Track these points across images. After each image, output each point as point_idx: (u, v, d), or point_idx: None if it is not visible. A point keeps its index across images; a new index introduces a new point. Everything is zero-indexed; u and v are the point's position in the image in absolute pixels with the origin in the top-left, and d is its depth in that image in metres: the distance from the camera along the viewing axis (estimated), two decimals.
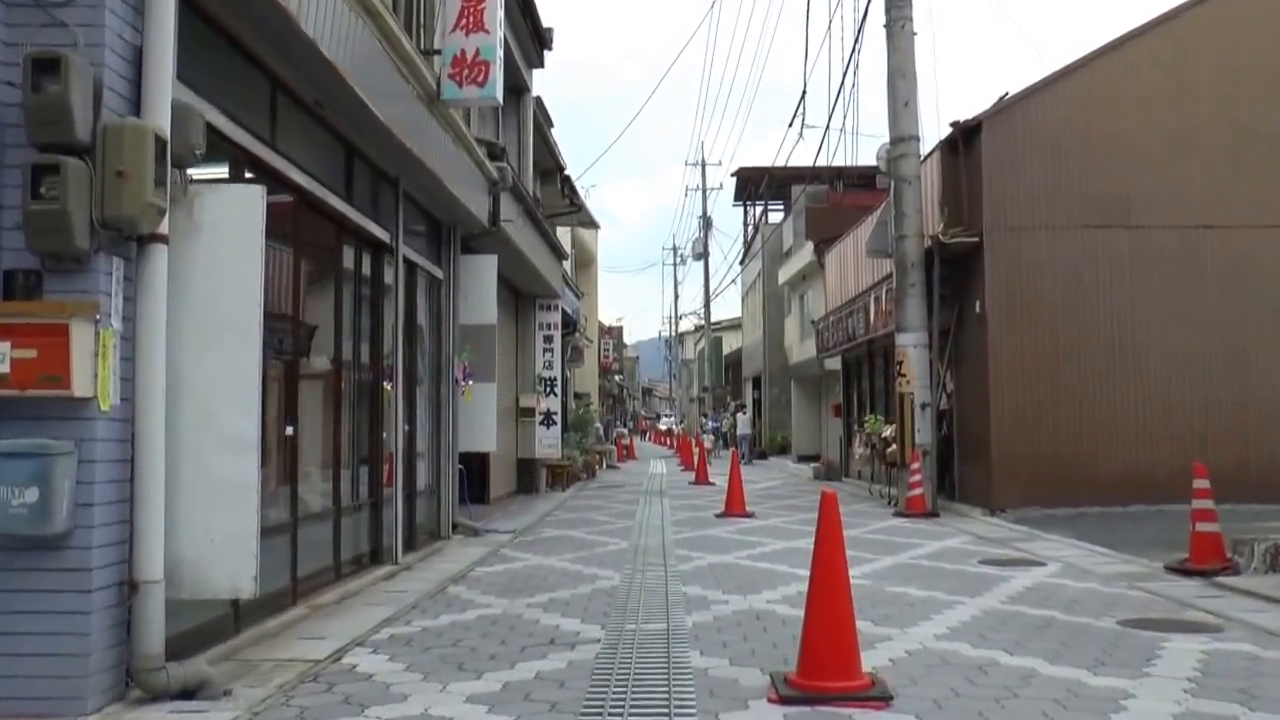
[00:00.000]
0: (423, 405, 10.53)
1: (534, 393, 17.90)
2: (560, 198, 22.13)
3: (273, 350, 6.83)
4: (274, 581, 6.47)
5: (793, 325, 31.69)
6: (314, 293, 7.67)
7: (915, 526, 12.11)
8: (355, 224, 8.01)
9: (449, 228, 10.99)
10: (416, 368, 10.22)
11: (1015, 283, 13.42)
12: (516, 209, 12.17)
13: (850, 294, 19.85)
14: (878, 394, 19.88)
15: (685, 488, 19.65)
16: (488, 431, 11.38)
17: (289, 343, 6.83)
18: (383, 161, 8.49)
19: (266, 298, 6.75)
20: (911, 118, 13.88)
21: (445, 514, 10.91)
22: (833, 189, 29.40)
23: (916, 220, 13.88)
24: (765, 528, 11.93)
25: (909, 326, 13.91)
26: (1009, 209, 13.43)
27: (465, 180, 10.04)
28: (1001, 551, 9.69)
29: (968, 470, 14.17)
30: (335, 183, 7.55)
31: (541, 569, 8.68)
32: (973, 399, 13.98)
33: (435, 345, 10.89)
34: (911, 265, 13.86)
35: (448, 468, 10.94)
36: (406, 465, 9.87)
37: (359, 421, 8.71)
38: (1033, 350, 13.38)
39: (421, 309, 10.45)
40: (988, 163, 13.39)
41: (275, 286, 6.85)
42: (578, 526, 12.21)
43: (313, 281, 7.66)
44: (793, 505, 15.21)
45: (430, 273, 10.55)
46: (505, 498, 16.34)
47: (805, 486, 19.81)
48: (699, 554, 9.49)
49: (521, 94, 17.76)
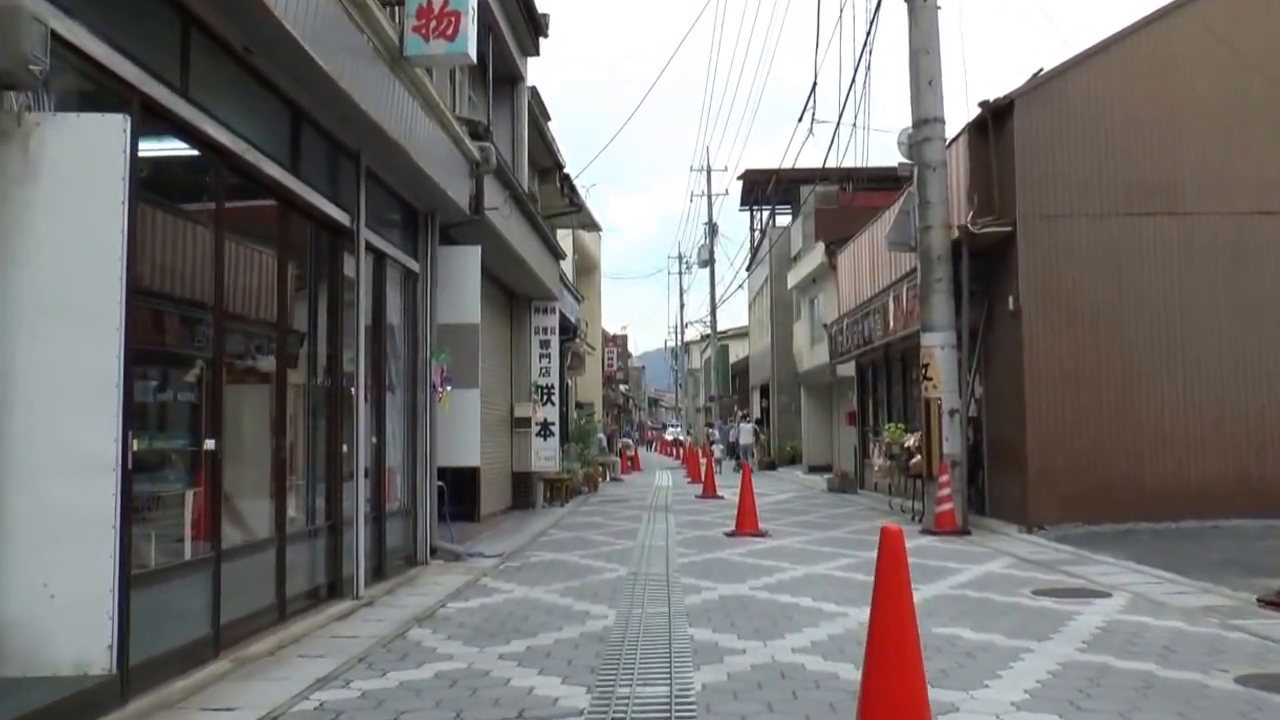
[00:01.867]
0: (395, 414, 9.34)
1: (530, 402, 16.71)
2: (559, 197, 21.01)
3: (184, 345, 5.67)
4: (186, 631, 5.29)
5: (802, 331, 30.46)
6: (246, 279, 6.49)
7: (948, 547, 10.88)
8: (304, 201, 6.83)
9: (426, 215, 9.81)
10: (387, 372, 9.03)
11: (1052, 276, 12.20)
12: (503, 195, 10.99)
13: (866, 295, 18.64)
14: (895, 401, 18.66)
15: (692, 501, 18.43)
16: (470, 444, 10.17)
17: (207, 337, 5.66)
18: (338, 130, 7.33)
19: (174, 279, 5.63)
20: (936, 98, 12.68)
21: (422, 536, 9.71)
22: (843, 189, 28.33)
23: (942, 210, 12.67)
24: (781, 550, 10.70)
25: (935, 325, 12.69)
26: (1044, 196, 12.22)
27: (441, 158, 8.87)
28: (1053, 578, 8.47)
29: (1000, 483, 12.93)
30: (276, 149, 6.38)
31: (525, 604, 7.47)
32: (1005, 405, 12.75)
33: (410, 347, 9.70)
34: (937, 258, 12.65)
35: (425, 484, 9.74)
36: (375, 482, 8.69)
37: (314, 433, 7.54)
38: (1072, 351, 12.15)
39: (393, 305, 9.27)
40: (1021, 145, 12.19)
41: (185, 266, 5.70)
42: (573, 548, 11.00)
43: (245, 266, 6.48)
44: (809, 522, 13.98)
45: (403, 265, 9.37)
46: (498, 515, 15.14)
47: (820, 500, 18.57)
48: (708, 583, 8.27)
49: (515, 83, 16.65)
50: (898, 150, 13.33)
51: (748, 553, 10.39)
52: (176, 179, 5.68)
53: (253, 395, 6.64)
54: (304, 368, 7.49)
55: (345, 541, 7.70)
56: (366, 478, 8.43)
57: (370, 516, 8.50)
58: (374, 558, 8.58)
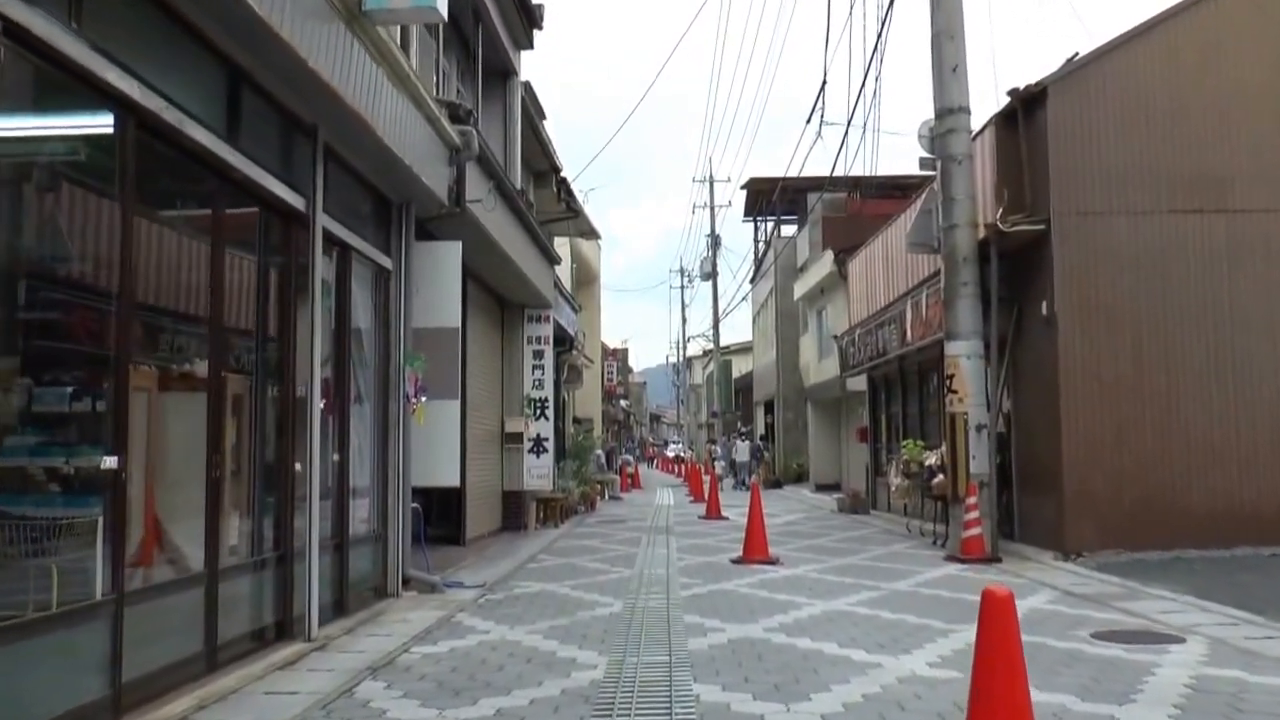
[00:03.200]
0: (363, 428, 8.32)
1: (522, 416, 15.67)
2: (556, 202, 20.06)
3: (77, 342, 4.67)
4: (72, 694, 4.28)
5: (809, 344, 29.45)
6: (167, 265, 5.49)
7: (979, 577, 9.82)
8: (244, 177, 5.84)
9: (400, 207, 8.82)
10: (353, 380, 8.02)
11: (1089, 279, 11.18)
12: (487, 186, 9.99)
13: (880, 304, 17.62)
14: (911, 416, 17.62)
15: (695, 523, 17.36)
16: (448, 462, 9.14)
17: (105, 334, 4.65)
18: (289, 98, 6.34)
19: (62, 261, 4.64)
20: (961, 86, 11.71)
21: (394, 565, 8.67)
22: (852, 196, 27.40)
23: (968, 207, 11.67)
24: (795, 580, 9.65)
25: (961, 333, 11.67)
26: (1081, 191, 11.21)
27: (414, 140, 7.88)
28: (1109, 616, 7.41)
29: (1031, 505, 11.88)
30: (206, 112, 5.39)
31: (501, 649, 6.42)
32: (1037, 419, 11.71)
33: (382, 353, 8.69)
34: (963, 260, 11.63)
35: (397, 506, 8.70)
36: (337, 505, 7.67)
37: (260, 449, 6.52)
38: (1110, 360, 11.12)
39: (361, 305, 8.26)
40: (1055, 136, 11.19)
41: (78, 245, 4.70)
42: (564, 577, 9.95)
43: (165, 249, 5.48)
44: (822, 547, 12.92)
45: (374, 261, 8.38)
46: (486, 537, 14.09)
47: (831, 521, 17.49)
48: (715, 622, 7.23)
49: (508, 77, 15.69)
50: (918, 144, 12.35)
51: (758, 583, 9.34)
52: (65, 136, 4.68)
53: (179, 404, 5.62)
54: (249, 373, 6.48)
55: (297, 574, 6.67)
56: (326, 499, 7.42)
57: (330, 544, 7.48)
58: (334, 590, 7.55)
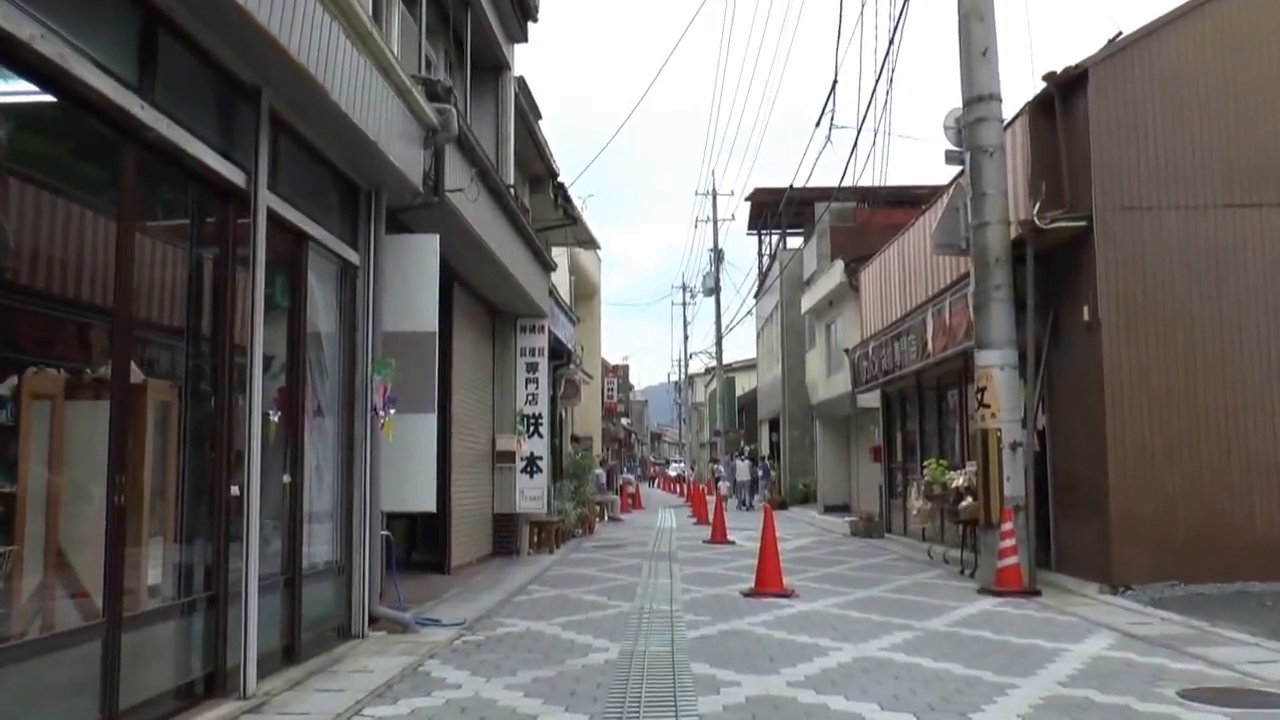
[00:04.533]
0: (323, 445, 7.25)
1: (514, 433, 14.61)
2: (553, 208, 19.04)
3: None
4: None
5: (816, 359, 28.38)
6: (47, 241, 4.46)
7: (1020, 613, 8.73)
8: (161, 139, 4.79)
9: (369, 194, 7.79)
10: (309, 390, 6.96)
11: (1136, 280, 10.13)
12: (470, 175, 8.95)
13: (895, 315, 16.58)
14: (929, 434, 16.54)
15: (699, 547, 16.25)
16: (422, 483, 8.05)
17: None
18: (222, 50, 5.31)
19: None
20: (991, 71, 10.70)
21: (359, 601, 7.58)
22: (861, 206, 26.43)
23: (1001, 202, 10.64)
24: (815, 617, 8.55)
25: (993, 341, 10.61)
26: (1126, 184, 10.18)
27: (380, 113, 6.86)
28: (1190, 667, 6.32)
29: (1071, 531, 10.79)
30: (106, 54, 4.36)
31: (472, 711, 5.32)
32: (1078, 436, 10.64)
33: (347, 360, 7.63)
34: (995, 261, 10.59)
35: (363, 534, 7.62)
36: (289, 534, 6.60)
37: (187, 470, 5.46)
38: (1161, 369, 10.06)
39: (321, 304, 7.22)
40: (1097, 124, 10.17)
41: None
42: (555, 612, 8.85)
43: (45, 221, 4.45)
44: (839, 576, 11.81)
45: (337, 254, 7.33)
46: (474, 565, 13.00)
47: (844, 546, 16.38)
48: (728, 673, 6.13)
49: (500, 72, 14.72)
50: (943, 135, 11.32)
51: (774, 621, 8.24)
52: None
53: (68, 415, 4.57)
54: (176, 379, 5.44)
55: (231, 618, 5.59)
56: (274, 528, 6.36)
57: (279, 581, 6.41)
58: (284, 634, 6.47)
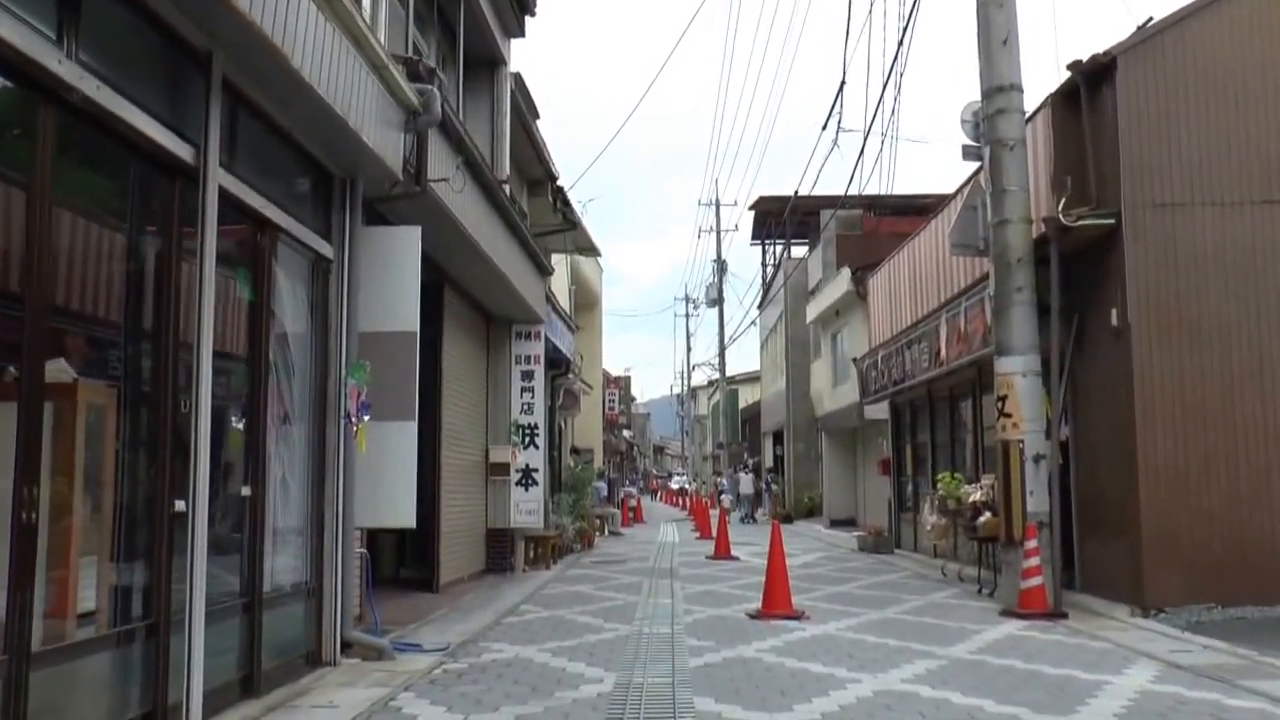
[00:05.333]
0: (290, 455, 6.62)
1: (509, 444, 13.97)
2: (551, 212, 18.46)
3: None
4: None
5: (822, 370, 27.74)
6: None
7: (1048, 638, 8.07)
8: (87, 100, 4.18)
9: (344, 182, 7.18)
10: (274, 394, 6.33)
11: (1168, 282, 9.49)
12: (455, 163, 8.34)
13: (905, 322, 15.95)
14: (941, 446, 15.91)
15: (702, 563, 15.58)
16: (402, 497, 7.39)
17: None
18: (160, 2, 4.70)
19: None
20: (1012, 60, 10.10)
21: (330, 625, 6.92)
22: (868, 213, 25.88)
23: (1023, 200, 10.03)
24: (829, 642, 7.89)
25: (1015, 347, 9.98)
26: (1157, 179, 9.56)
27: (353, 89, 6.24)
28: (1251, 705, 5.66)
29: (1097, 549, 10.12)
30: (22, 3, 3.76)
31: None
32: (1104, 449, 9.99)
33: (319, 362, 7.00)
34: (1017, 262, 9.97)
35: (335, 553, 6.98)
36: (249, 554, 5.96)
37: (124, 481, 4.83)
38: (1196, 378, 9.42)
39: (289, 299, 6.59)
40: (1126, 115, 9.55)
41: None
42: (546, 636, 8.20)
43: None
44: (850, 596, 11.14)
45: (308, 246, 6.72)
46: (465, 582, 12.35)
47: (853, 563, 15.69)
48: (737, 710, 5.47)
49: (496, 67, 14.15)
50: (961, 129, 10.71)
51: (784, 647, 7.58)
52: None
53: None
54: (109, 380, 4.82)
55: (173, 649, 4.95)
56: (230, 547, 5.73)
57: (235, 605, 5.77)
58: (242, 664, 5.82)
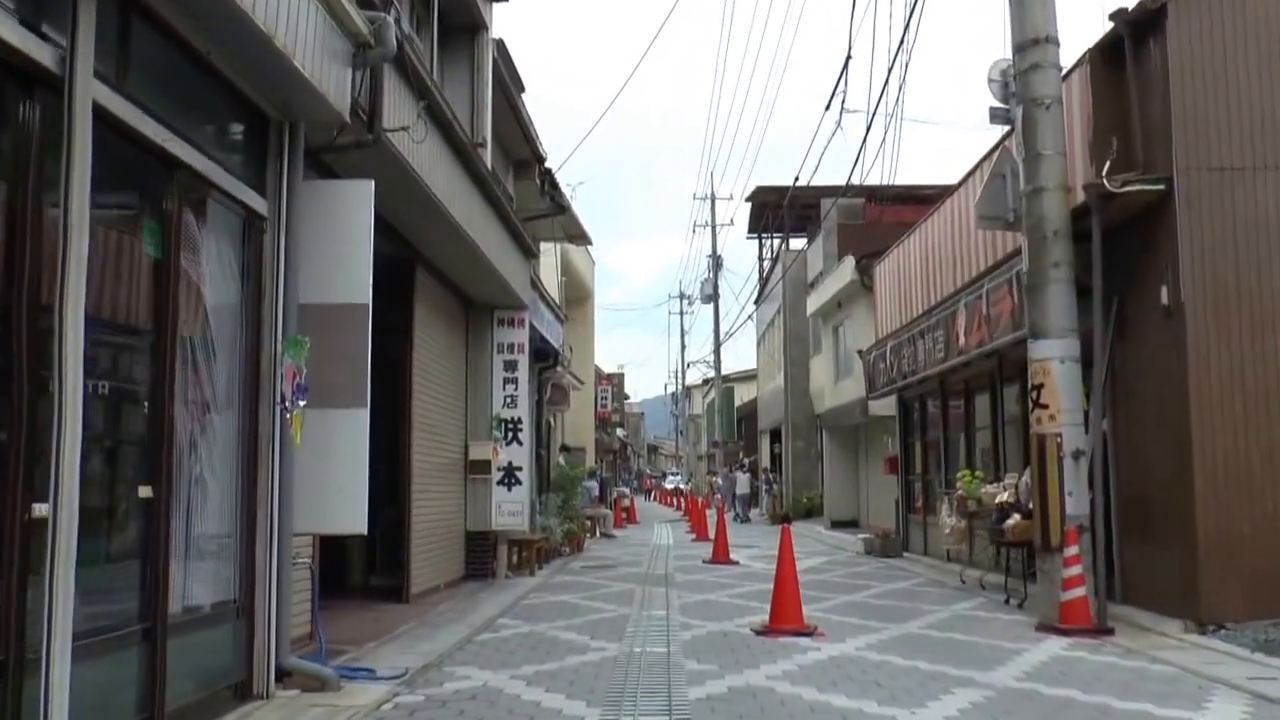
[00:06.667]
0: (208, 448, 5.51)
1: (490, 440, 12.88)
2: (539, 196, 17.37)
3: None
4: None
5: (822, 365, 26.68)
6: None
7: (1101, 660, 7.00)
8: None
9: (283, 127, 6.08)
10: (187, 374, 5.23)
11: (1226, 256, 8.45)
12: (417, 109, 7.23)
13: (916, 310, 14.91)
14: (954, 442, 14.88)
15: (698, 568, 14.51)
16: (351, 498, 6.25)
17: None
18: None
19: None
20: (1047, 10, 9.03)
21: (263, 652, 5.83)
22: (870, 201, 24.82)
23: (1059, 165, 8.96)
24: (850, 665, 6.80)
25: (1051, 330, 8.91)
26: (1213, 140, 8.51)
27: (285, 6, 5.14)
28: None
29: (1141, 556, 9.06)
30: None
31: None
32: (1151, 443, 8.94)
33: (251, 337, 5.91)
34: (1053, 234, 8.91)
35: (270, 564, 5.88)
36: (149, 569, 4.85)
37: None
38: (1258, 364, 8.37)
39: (210, 260, 5.49)
40: (1178, 69, 8.50)
41: None
42: (523, 657, 7.11)
43: None
44: (864, 606, 10.07)
45: (234, 197, 5.62)
46: (442, 590, 11.26)
47: (861, 567, 14.63)
48: None
49: (477, 33, 13.07)
50: (988, 89, 9.65)
51: (799, 673, 6.50)
52: None
53: None
54: None
55: (26, 694, 3.85)
56: (118, 558, 4.63)
57: (136, 631, 4.68)
58: (140, 706, 4.71)
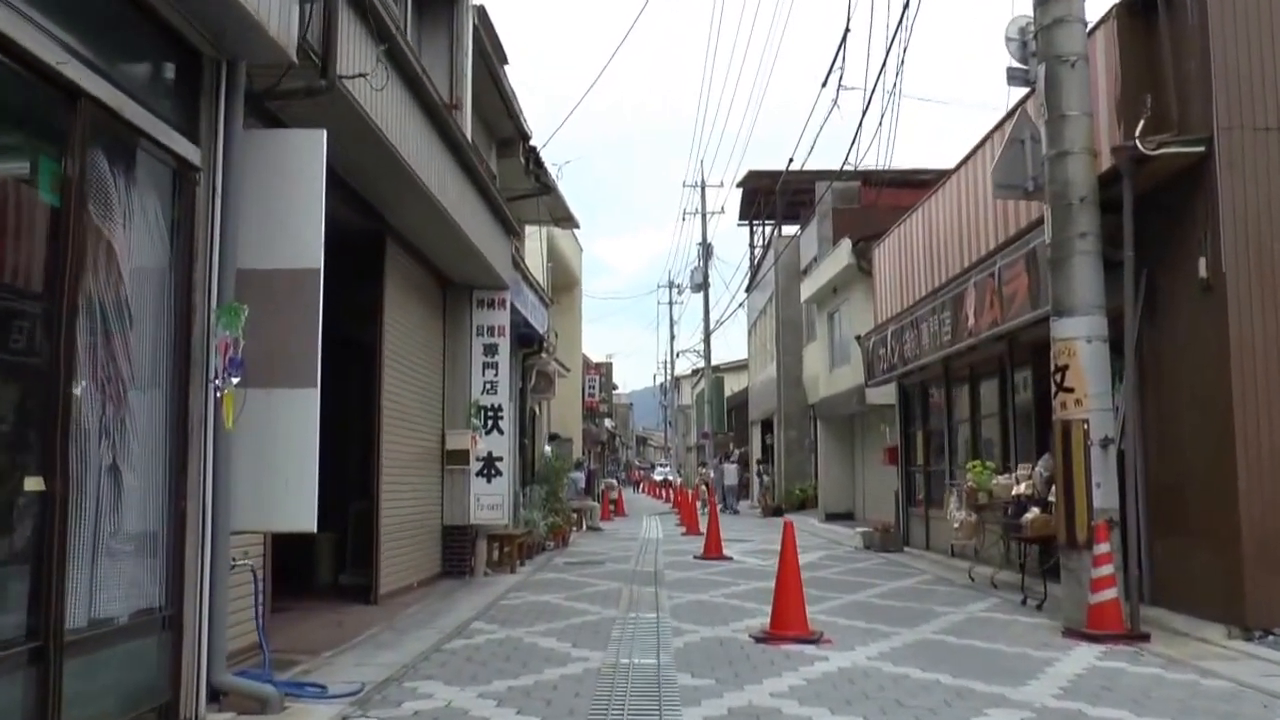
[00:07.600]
0: (123, 433, 4.72)
1: (468, 429, 12.10)
2: (524, 174, 16.58)
3: None
4: None
5: (816, 353, 25.96)
6: None
7: (1143, 672, 6.29)
8: None
9: (219, 66, 5.28)
10: (87, 345, 4.44)
11: (1273, 222, 7.73)
12: (376, 53, 6.44)
13: (920, 292, 14.19)
14: (959, 431, 14.18)
15: (690, 564, 13.78)
16: (297, 491, 5.46)
17: None
18: None
19: None
20: None
21: (192, 667, 5.05)
22: (866, 184, 24.10)
23: (1086, 126, 8.23)
24: (862, 677, 6.06)
25: (1078, 307, 8.19)
26: (1258, 98, 7.78)
27: None
28: None
29: (1176, 553, 8.36)
30: None
31: None
32: (1188, 430, 8.23)
33: (183, 305, 5.12)
34: (1079, 201, 8.18)
35: (202, 567, 5.10)
36: (43, 577, 4.07)
37: None
38: None
39: (128, 217, 4.69)
40: (1218, 20, 7.77)
41: None
42: (495, 671, 6.35)
43: None
44: (870, 607, 9.35)
45: (160, 143, 4.81)
46: (415, 589, 10.49)
47: (861, 563, 13.92)
48: None
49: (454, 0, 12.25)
50: (1006, 49, 8.91)
51: (806, 689, 5.76)
52: None
53: None
54: None
55: None
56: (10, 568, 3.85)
57: (22, 652, 3.90)
58: None
